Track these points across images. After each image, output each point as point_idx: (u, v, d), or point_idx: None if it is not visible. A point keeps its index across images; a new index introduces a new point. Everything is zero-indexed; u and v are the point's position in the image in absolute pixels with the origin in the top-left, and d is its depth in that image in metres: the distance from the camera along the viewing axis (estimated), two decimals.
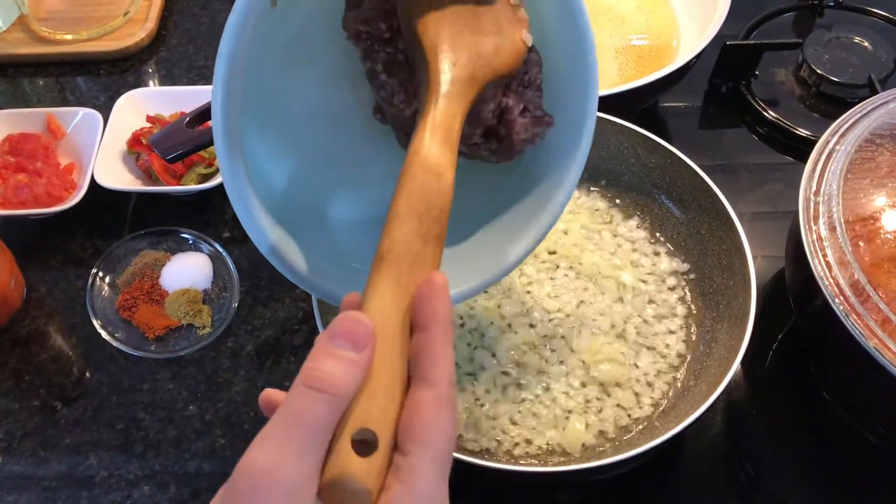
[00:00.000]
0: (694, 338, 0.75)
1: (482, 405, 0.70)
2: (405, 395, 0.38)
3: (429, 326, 0.39)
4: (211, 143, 0.75)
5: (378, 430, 0.36)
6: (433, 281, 0.40)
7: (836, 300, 0.65)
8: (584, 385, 0.71)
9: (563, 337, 0.73)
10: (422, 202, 0.43)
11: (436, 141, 0.46)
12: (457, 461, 0.61)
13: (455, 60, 0.49)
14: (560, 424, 0.69)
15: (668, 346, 0.74)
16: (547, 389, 0.71)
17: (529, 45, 0.54)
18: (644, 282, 0.78)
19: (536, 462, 0.68)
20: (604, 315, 0.75)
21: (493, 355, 0.72)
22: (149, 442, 0.76)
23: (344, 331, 0.37)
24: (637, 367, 0.72)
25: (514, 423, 0.69)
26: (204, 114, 0.77)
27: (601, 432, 0.69)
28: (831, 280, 0.66)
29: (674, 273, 0.78)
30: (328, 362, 0.36)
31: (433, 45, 0.49)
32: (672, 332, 0.75)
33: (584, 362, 0.72)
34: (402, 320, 0.39)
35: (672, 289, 0.78)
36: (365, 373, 0.37)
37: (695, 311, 0.76)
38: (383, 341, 0.38)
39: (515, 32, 0.53)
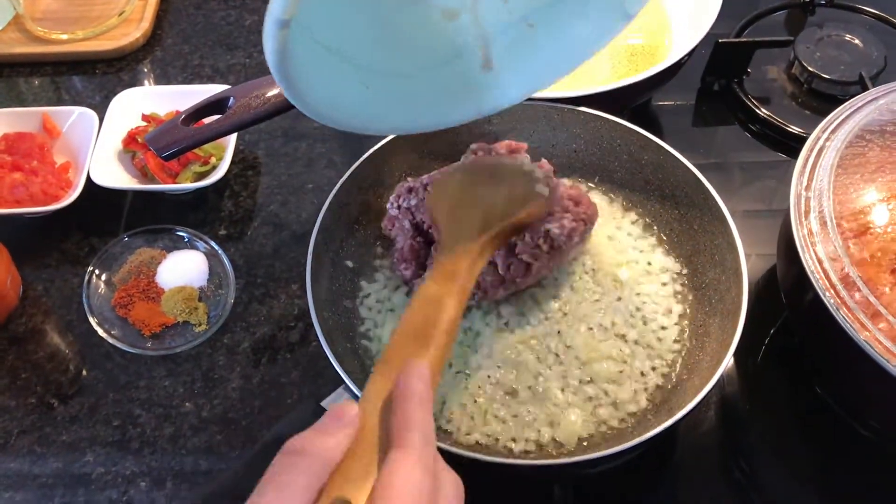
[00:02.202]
0: (687, 333, 0.75)
1: (475, 400, 0.70)
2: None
3: (404, 399, 0.44)
4: (205, 140, 0.76)
5: (352, 496, 0.40)
6: (410, 364, 0.46)
7: (827, 294, 0.65)
8: (580, 382, 0.71)
9: (559, 333, 0.73)
10: (421, 323, 0.51)
11: (437, 279, 0.55)
12: (451, 455, 0.62)
13: (460, 228, 0.60)
14: (555, 419, 0.70)
15: (661, 341, 0.75)
16: (543, 387, 0.71)
17: (546, 195, 0.66)
18: (639, 281, 0.78)
19: (531, 456, 0.68)
20: (600, 312, 0.75)
21: (489, 355, 0.73)
22: (145, 439, 0.76)
23: (331, 412, 0.43)
24: (632, 363, 0.73)
25: (507, 419, 0.70)
26: (199, 111, 0.77)
27: (596, 427, 0.70)
28: (822, 274, 0.66)
29: (667, 269, 0.79)
30: (310, 433, 0.42)
31: (444, 220, 0.62)
32: (665, 328, 0.75)
33: (579, 359, 0.72)
34: (385, 403, 0.45)
35: (665, 284, 0.78)
36: (345, 443, 0.42)
37: (688, 307, 0.77)
38: (366, 420, 0.44)
39: (528, 189, 0.66)
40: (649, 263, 0.79)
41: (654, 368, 0.73)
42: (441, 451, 0.62)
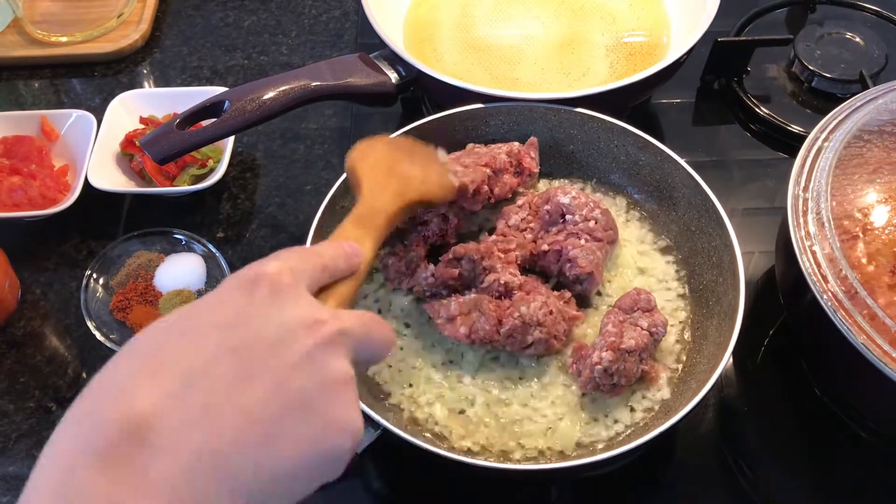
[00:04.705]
0: (685, 334, 0.75)
1: (472, 405, 0.70)
2: None
3: None
4: (200, 145, 0.75)
5: None
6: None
7: (825, 296, 0.65)
8: (583, 394, 0.71)
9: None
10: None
11: (356, 223, 0.60)
12: (450, 460, 0.61)
13: (382, 186, 0.66)
14: (553, 426, 0.69)
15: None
16: (541, 395, 0.71)
17: (456, 185, 0.73)
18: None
19: (528, 461, 0.68)
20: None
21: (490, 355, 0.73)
22: None
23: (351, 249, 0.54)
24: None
25: (506, 426, 0.69)
26: (195, 115, 0.77)
27: (594, 431, 0.69)
28: (820, 276, 0.66)
29: (668, 273, 0.78)
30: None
31: (366, 175, 0.67)
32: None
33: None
34: None
35: (669, 290, 0.77)
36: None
37: (686, 309, 0.76)
38: None
39: (442, 175, 0.73)
40: (649, 263, 0.79)
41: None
42: (438, 456, 0.62)
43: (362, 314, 0.48)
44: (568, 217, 0.76)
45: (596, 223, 0.75)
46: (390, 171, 0.69)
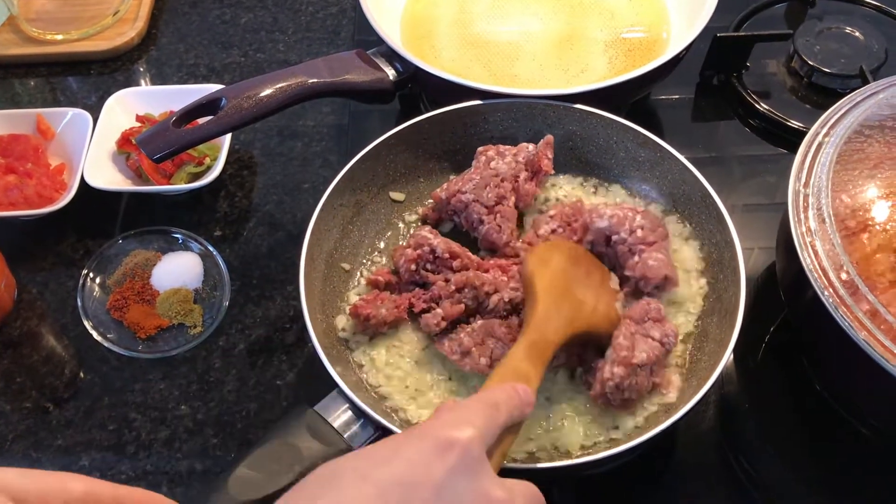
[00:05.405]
0: (686, 332, 0.74)
1: None
2: None
3: None
4: (196, 142, 0.75)
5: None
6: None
7: (826, 292, 0.64)
8: (579, 392, 0.70)
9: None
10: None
11: (529, 356, 0.61)
12: None
13: (556, 310, 0.65)
14: (557, 428, 0.68)
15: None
16: (547, 397, 0.70)
17: (620, 316, 0.70)
18: None
19: (531, 461, 0.68)
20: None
21: None
22: (140, 442, 0.76)
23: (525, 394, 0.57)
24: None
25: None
26: (191, 112, 0.77)
27: (597, 432, 0.69)
28: (820, 272, 0.65)
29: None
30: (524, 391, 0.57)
31: (544, 292, 0.66)
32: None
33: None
34: None
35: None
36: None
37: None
38: None
39: (611, 305, 0.70)
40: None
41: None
42: None
43: (530, 493, 0.51)
44: (614, 238, 0.73)
45: (643, 230, 0.73)
46: (566, 292, 0.67)
